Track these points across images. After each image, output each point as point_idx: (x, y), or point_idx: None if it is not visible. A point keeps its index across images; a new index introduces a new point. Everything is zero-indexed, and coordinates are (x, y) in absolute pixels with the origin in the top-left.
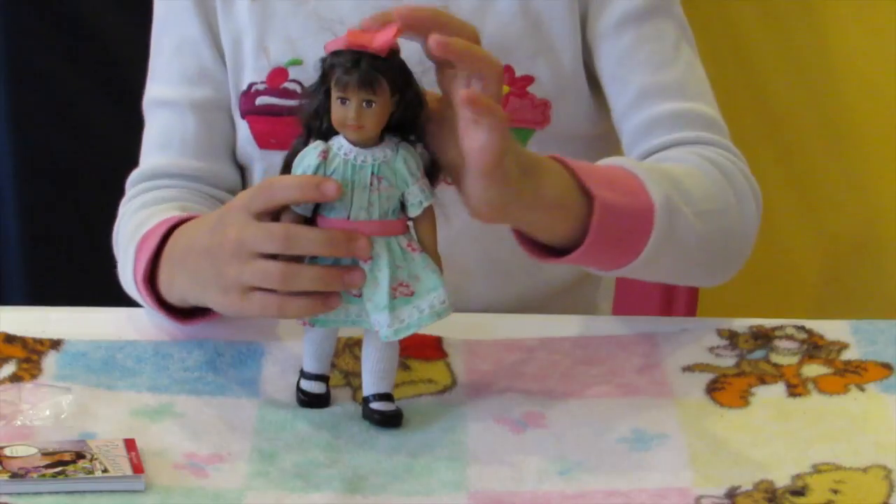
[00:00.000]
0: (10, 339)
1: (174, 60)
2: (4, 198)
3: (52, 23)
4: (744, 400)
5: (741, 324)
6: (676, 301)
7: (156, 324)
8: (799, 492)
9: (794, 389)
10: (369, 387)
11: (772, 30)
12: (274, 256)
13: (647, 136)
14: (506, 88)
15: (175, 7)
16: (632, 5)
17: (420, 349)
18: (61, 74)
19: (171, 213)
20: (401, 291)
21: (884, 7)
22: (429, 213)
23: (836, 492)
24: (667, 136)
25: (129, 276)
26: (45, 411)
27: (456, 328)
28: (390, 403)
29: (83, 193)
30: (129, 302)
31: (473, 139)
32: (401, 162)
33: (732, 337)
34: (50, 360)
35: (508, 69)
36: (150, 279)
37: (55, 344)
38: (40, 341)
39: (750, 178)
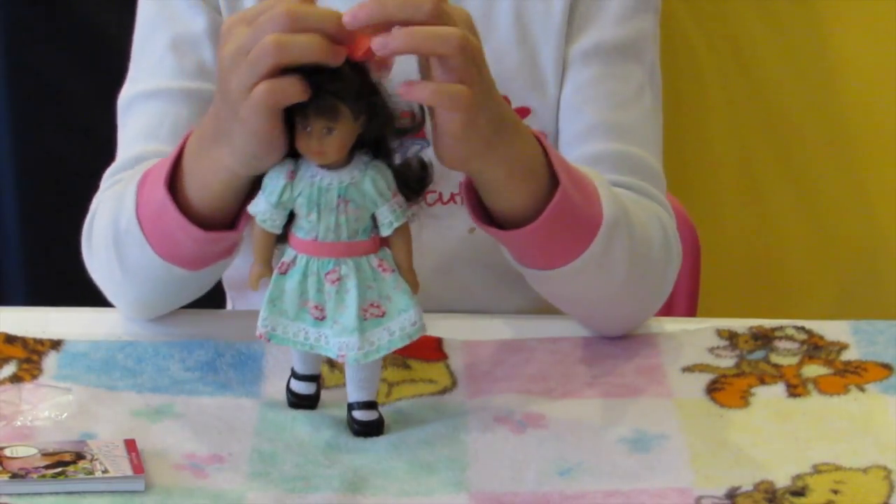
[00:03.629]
0: (10, 339)
1: (168, 57)
2: (4, 198)
3: (52, 23)
4: (744, 400)
5: (741, 324)
6: (676, 301)
7: (156, 324)
8: (799, 492)
9: (794, 390)
10: (351, 394)
11: (772, 30)
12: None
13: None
14: None
15: (174, 4)
16: (603, 40)
17: (420, 350)
18: (61, 74)
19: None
20: (371, 312)
21: (884, 7)
22: (402, 232)
23: (836, 492)
24: (608, 176)
25: (129, 210)
26: (45, 412)
27: (456, 328)
28: (372, 412)
29: (84, 194)
30: None
31: (437, 111)
32: (369, 183)
33: (732, 337)
34: (50, 361)
35: (506, 100)
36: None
37: (55, 344)
38: (40, 341)
39: (677, 238)
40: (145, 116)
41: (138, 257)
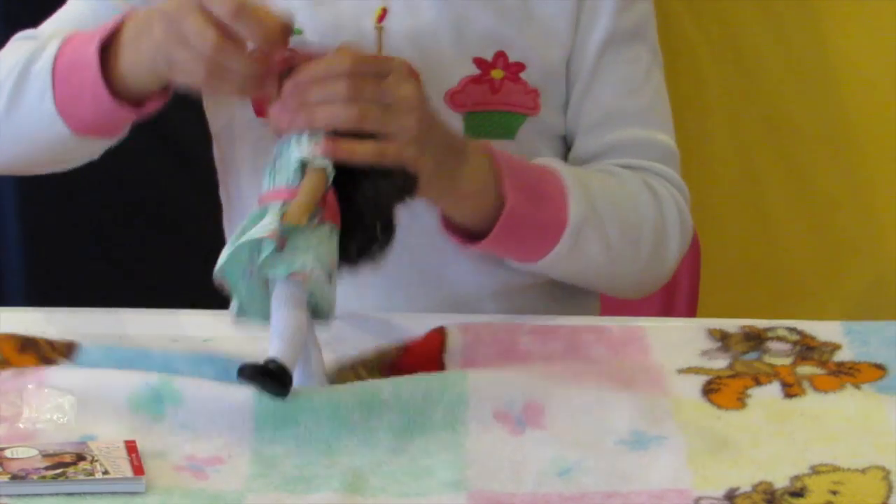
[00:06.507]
0: (24, 347)
1: None
2: (4, 198)
3: None
4: (740, 402)
5: (732, 324)
6: (677, 301)
7: (157, 324)
8: (798, 493)
9: (790, 389)
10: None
11: (772, 30)
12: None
13: (603, 158)
14: (500, 73)
15: None
16: (616, 28)
17: (421, 365)
18: None
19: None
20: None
21: (884, 7)
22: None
23: (834, 493)
24: (622, 160)
25: (48, 56)
26: (47, 414)
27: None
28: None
29: (83, 193)
30: (129, 303)
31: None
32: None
33: (724, 338)
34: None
35: (501, 55)
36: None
37: (68, 351)
38: (53, 347)
39: (684, 214)
40: (84, 7)
41: (33, 102)
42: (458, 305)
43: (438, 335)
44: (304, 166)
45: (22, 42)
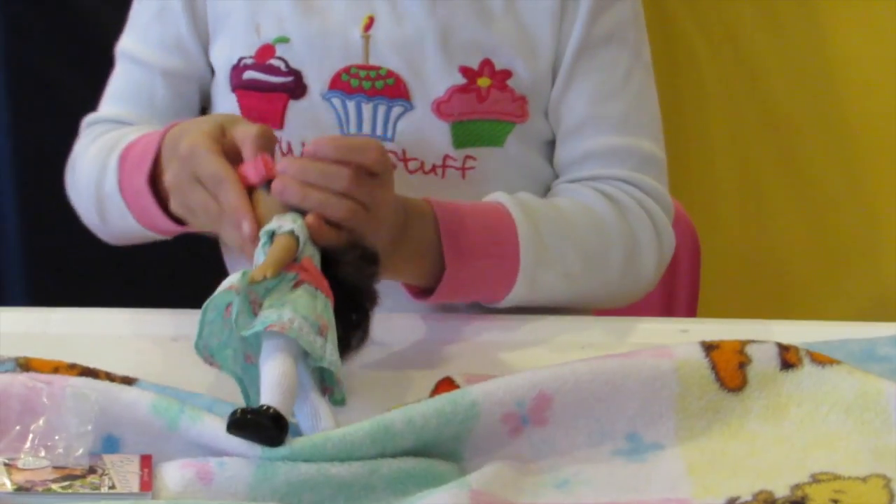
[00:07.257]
0: (83, 376)
1: (154, 24)
2: (4, 198)
3: (52, 23)
4: (741, 374)
5: (737, 328)
6: (677, 301)
7: (157, 324)
8: (798, 502)
9: (787, 355)
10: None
11: (772, 30)
12: None
13: (579, 167)
14: (487, 81)
15: None
16: (590, 32)
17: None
18: (61, 75)
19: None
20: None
21: (884, 7)
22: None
23: (836, 502)
24: (596, 171)
25: (111, 184)
26: (68, 415)
27: (451, 329)
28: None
29: None
30: (129, 303)
31: None
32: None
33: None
34: None
35: (487, 62)
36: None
37: (124, 384)
38: (111, 378)
39: (660, 225)
40: (129, 78)
41: (119, 218)
42: (441, 306)
43: (450, 385)
44: (272, 236)
45: (91, 134)
